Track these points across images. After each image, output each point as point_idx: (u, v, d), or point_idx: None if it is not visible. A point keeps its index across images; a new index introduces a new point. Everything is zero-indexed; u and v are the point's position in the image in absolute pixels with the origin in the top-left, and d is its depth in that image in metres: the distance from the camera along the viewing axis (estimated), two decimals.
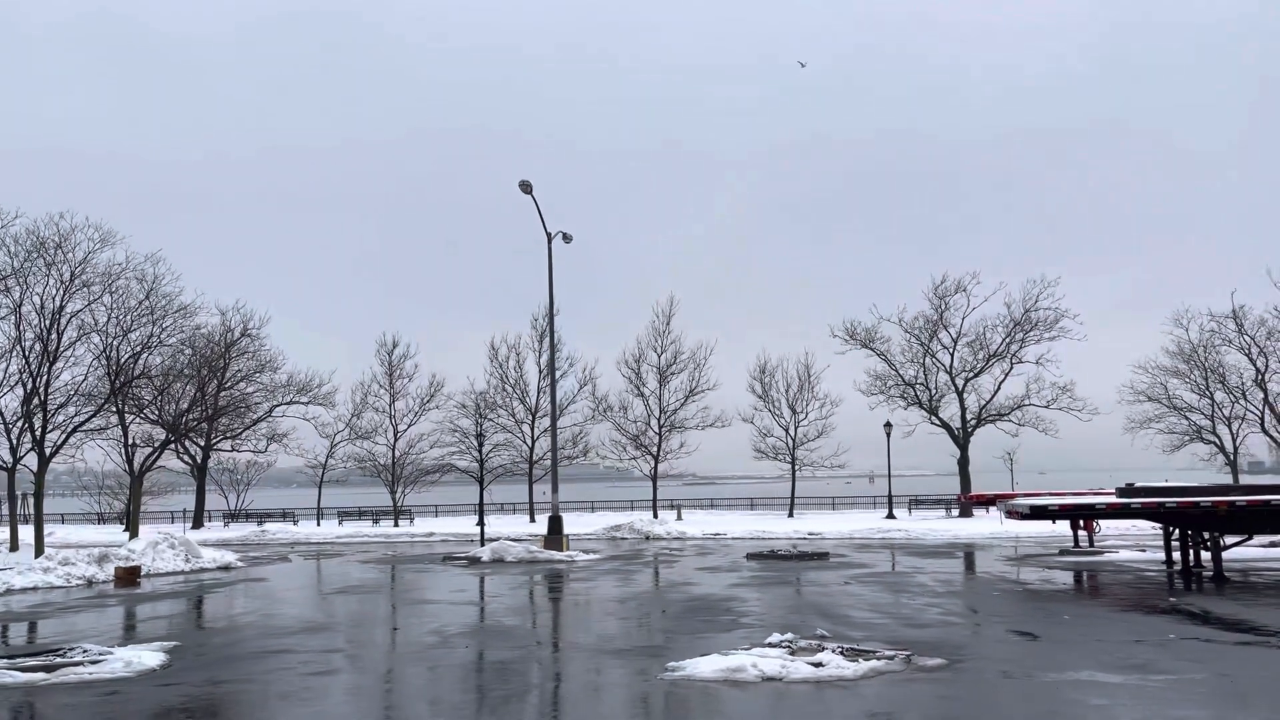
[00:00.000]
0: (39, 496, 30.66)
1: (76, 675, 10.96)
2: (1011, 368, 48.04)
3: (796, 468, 51.59)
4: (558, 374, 40.15)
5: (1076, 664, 10.38)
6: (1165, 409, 48.22)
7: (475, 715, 8.95)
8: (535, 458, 51.12)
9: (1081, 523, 26.57)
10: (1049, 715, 8.27)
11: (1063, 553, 25.45)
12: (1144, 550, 25.46)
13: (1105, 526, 30.29)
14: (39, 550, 28.28)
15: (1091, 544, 26.98)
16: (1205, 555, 20.12)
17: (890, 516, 44.84)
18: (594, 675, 10.63)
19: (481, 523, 32.21)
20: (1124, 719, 8.07)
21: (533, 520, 48.92)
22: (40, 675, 10.93)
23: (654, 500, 51.47)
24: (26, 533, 34.28)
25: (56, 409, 30.79)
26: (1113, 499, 20.20)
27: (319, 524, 51.15)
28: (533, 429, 51.51)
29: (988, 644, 11.93)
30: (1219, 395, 47.16)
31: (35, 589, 21.47)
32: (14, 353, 29.84)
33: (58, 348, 30.01)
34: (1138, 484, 20.88)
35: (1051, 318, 46.71)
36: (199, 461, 52.03)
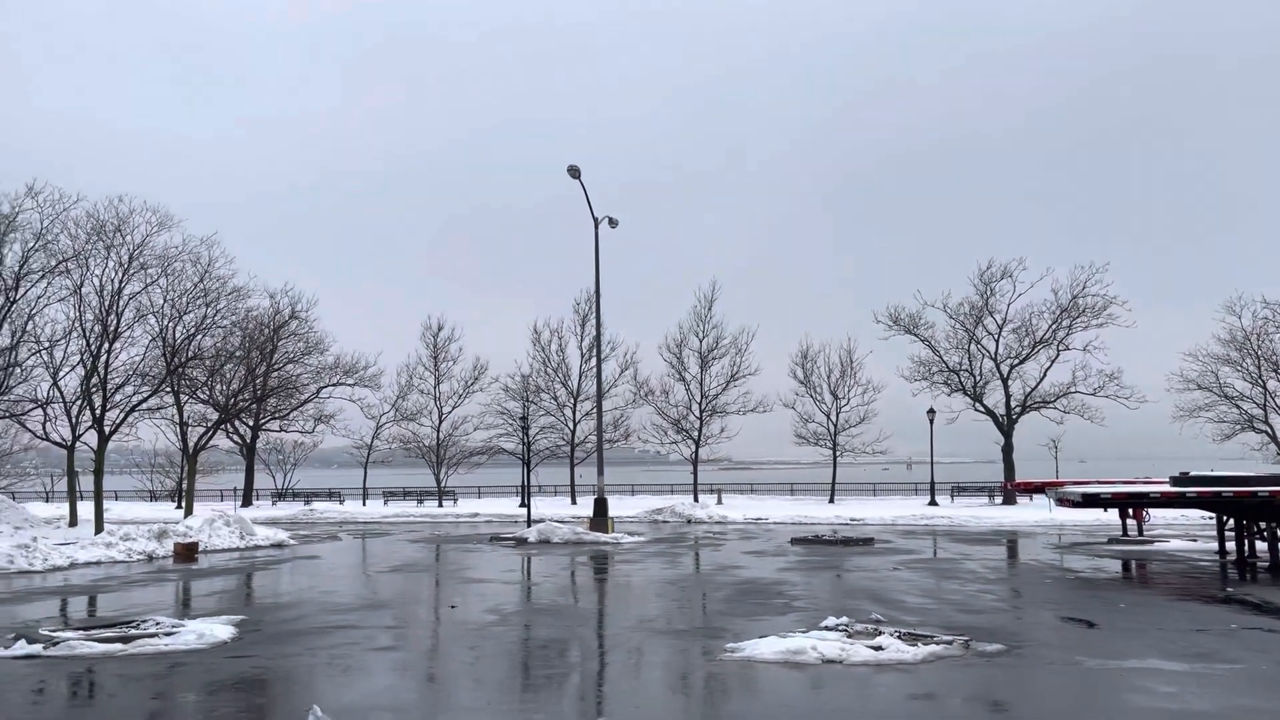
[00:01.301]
0: (99, 473, 31.40)
1: (153, 646, 11.31)
2: (1058, 355, 47.45)
3: (837, 454, 51.44)
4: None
5: (1140, 652, 10.37)
6: (1216, 397, 47.38)
7: (549, 692, 9.14)
8: (577, 440, 51.48)
9: (1130, 511, 26.29)
10: (1118, 702, 8.28)
11: (1111, 541, 25.23)
12: (1195, 540, 25.16)
13: (1154, 515, 29.94)
14: (99, 526, 29.00)
15: (1141, 533, 26.68)
16: (1260, 545, 19.87)
17: (933, 503, 44.63)
18: (656, 655, 10.78)
19: (527, 504, 32.51)
20: (1195, 707, 8.07)
21: (574, 502, 49.32)
22: (117, 646, 11.29)
23: (694, 484, 51.67)
24: (83, 509, 35.14)
25: (115, 389, 31.52)
26: (1167, 488, 19.97)
27: (364, 504, 51.89)
28: (574, 412, 51.86)
29: (1045, 630, 11.92)
30: (1271, 384, 46.27)
31: (99, 563, 22.08)
32: (74, 333, 30.59)
33: (116, 328, 30.68)
34: (1193, 473, 20.62)
35: (1099, 304, 46.06)
36: (248, 441, 52.95)
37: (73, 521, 33.38)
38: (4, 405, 31.62)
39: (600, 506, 29.76)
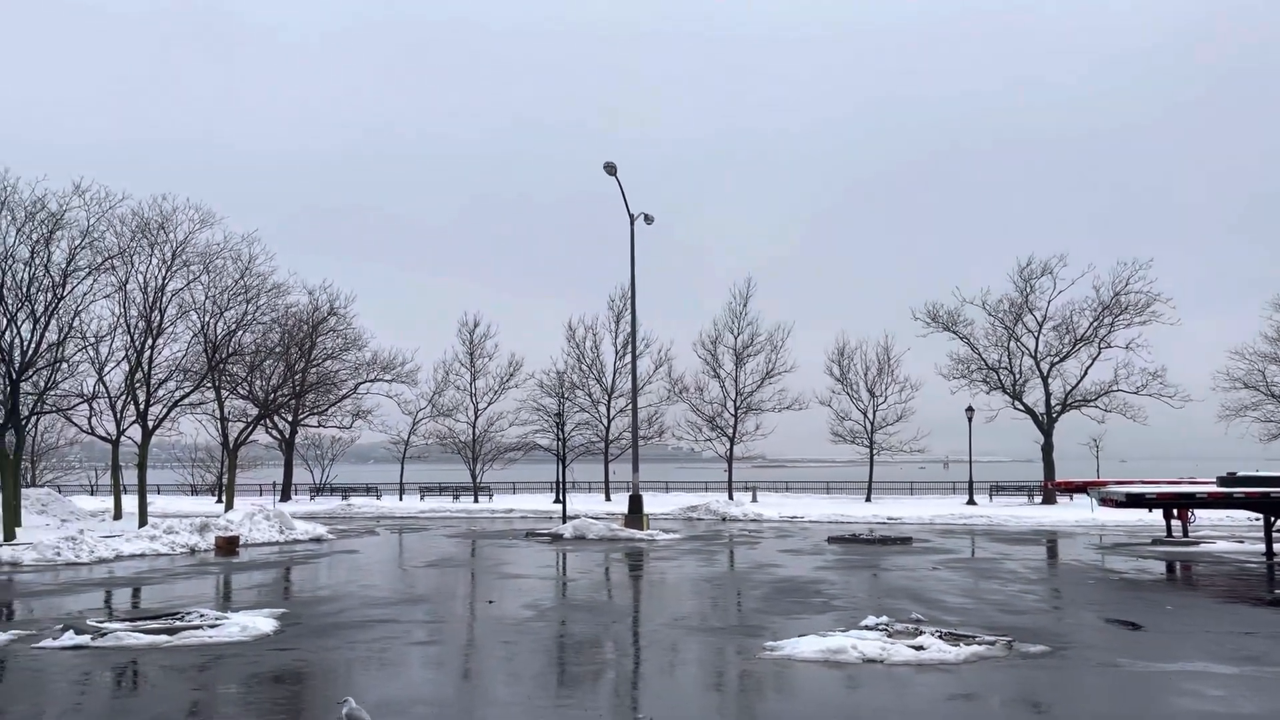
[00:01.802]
0: (142, 467, 31.91)
1: (197, 638, 11.47)
2: (1099, 352, 46.68)
3: (874, 452, 51.04)
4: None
5: (1187, 654, 10.18)
6: (1263, 396, 46.35)
7: (586, 688, 9.15)
8: (611, 437, 51.53)
9: (1175, 512, 25.83)
10: (1165, 705, 8.15)
11: (1155, 542, 24.81)
12: (1241, 541, 24.66)
13: (1199, 516, 29.37)
14: (143, 519, 29.47)
15: (1185, 534, 26.20)
16: None
17: (971, 502, 44.15)
18: (693, 653, 10.76)
19: (562, 500, 32.61)
20: (1244, 710, 7.91)
21: (608, 499, 49.35)
22: (163, 638, 11.45)
23: (729, 482, 51.54)
24: (127, 502, 35.72)
25: (158, 384, 32.02)
26: (1213, 488, 19.64)
27: (401, 499, 52.29)
28: (609, 408, 51.89)
29: (1089, 632, 11.74)
30: None
31: (143, 555, 22.45)
32: (119, 329, 31.07)
33: (160, 324, 31.16)
34: (1240, 473, 20.25)
35: (1143, 301, 45.24)
36: (287, 436, 53.53)
37: (117, 515, 33.94)
38: (51, 400, 32.19)
39: (635, 503, 29.77)
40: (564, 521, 29.00)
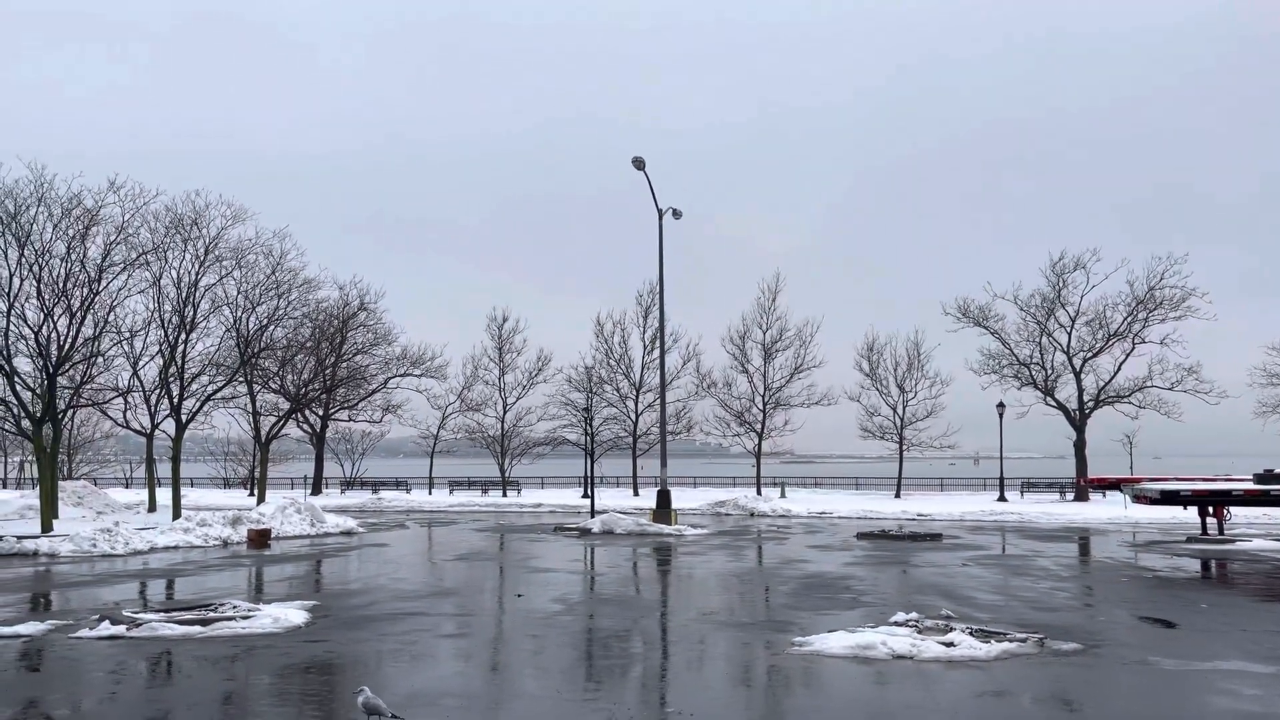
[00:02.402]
0: (176, 460, 32.34)
1: (230, 629, 11.60)
2: (1133, 348, 46.16)
3: (904, 448, 50.73)
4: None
5: (1223, 653, 10.04)
6: None
7: (614, 682, 9.16)
8: (640, 432, 51.57)
9: (1211, 509, 25.45)
10: (1200, 704, 8.03)
11: (1190, 540, 24.47)
12: (1279, 539, 24.28)
13: (1235, 514, 28.92)
14: (176, 512, 29.86)
15: (1221, 532, 25.79)
16: None
17: (1001, 499, 43.80)
18: (722, 647, 10.75)
19: (591, 495, 32.69)
20: None
21: (636, 494, 49.40)
22: (197, 628, 11.60)
23: (758, 477, 51.41)
24: (161, 495, 36.22)
25: (192, 378, 32.46)
26: (1250, 485, 19.37)
27: (430, 493, 52.65)
28: (637, 404, 51.93)
29: (1122, 630, 11.61)
30: None
31: (177, 548, 22.75)
32: (153, 324, 31.53)
33: (193, 319, 31.58)
34: (1277, 470, 19.93)
35: (1178, 296, 44.64)
36: (318, 430, 54.01)
37: (151, 507, 34.42)
38: (87, 394, 32.70)
39: (663, 498, 29.78)
40: (592, 516, 29.08)
